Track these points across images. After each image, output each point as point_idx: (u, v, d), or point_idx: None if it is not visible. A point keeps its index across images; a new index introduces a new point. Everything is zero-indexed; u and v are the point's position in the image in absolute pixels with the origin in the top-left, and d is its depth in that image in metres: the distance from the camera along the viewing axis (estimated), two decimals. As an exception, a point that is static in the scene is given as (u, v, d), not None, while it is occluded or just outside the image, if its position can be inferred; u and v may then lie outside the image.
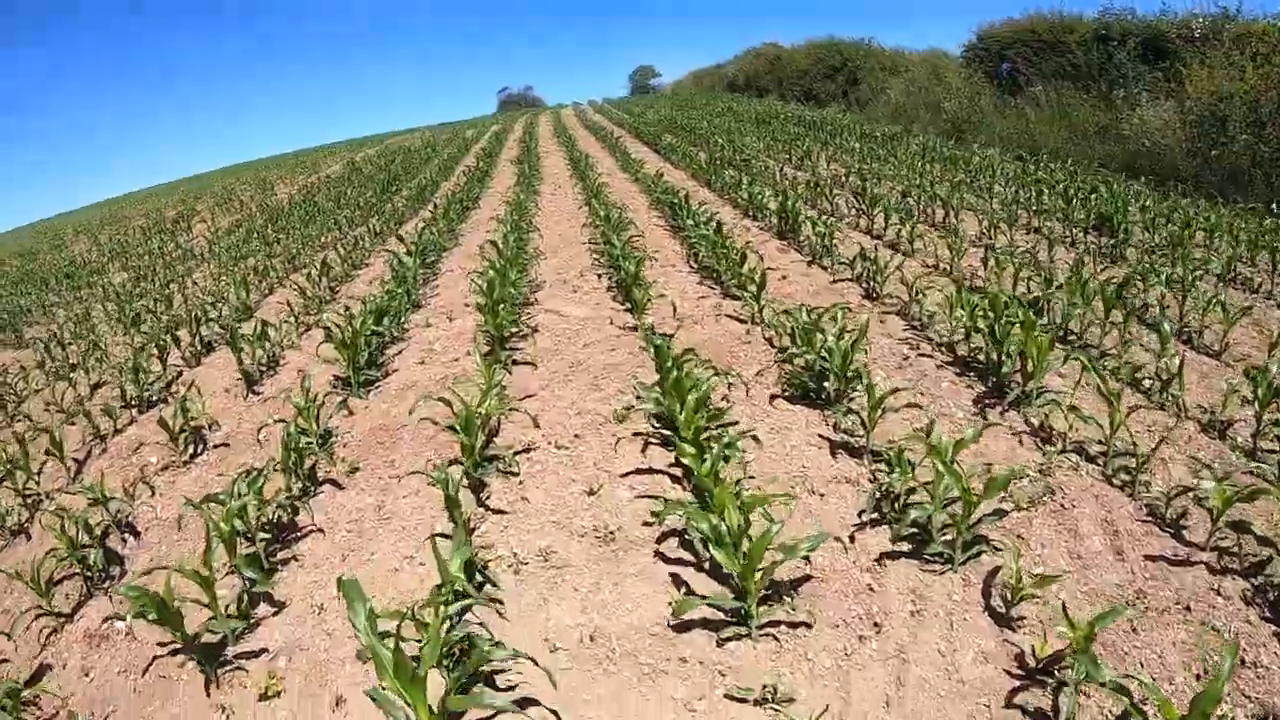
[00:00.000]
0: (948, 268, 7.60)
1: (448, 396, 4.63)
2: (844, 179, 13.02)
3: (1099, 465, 3.99)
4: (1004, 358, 4.89)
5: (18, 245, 31.56)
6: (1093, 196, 9.53)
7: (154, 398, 6.52)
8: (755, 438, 4.41)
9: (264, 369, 6.88)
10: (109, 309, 10.46)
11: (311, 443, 4.82)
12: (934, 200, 10.31)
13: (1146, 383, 4.82)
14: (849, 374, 4.70)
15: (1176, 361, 4.61)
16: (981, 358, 5.28)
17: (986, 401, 4.79)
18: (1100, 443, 4.05)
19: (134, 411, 6.23)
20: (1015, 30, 22.60)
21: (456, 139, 29.57)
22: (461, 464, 4.37)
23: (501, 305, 6.38)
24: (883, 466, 4.05)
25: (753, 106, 28.68)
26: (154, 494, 4.84)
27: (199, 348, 7.62)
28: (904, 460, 3.66)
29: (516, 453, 4.59)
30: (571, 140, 21.60)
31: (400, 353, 6.81)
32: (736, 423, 4.69)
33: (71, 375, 7.36)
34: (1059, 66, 19.20)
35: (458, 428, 4.29)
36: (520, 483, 4.34)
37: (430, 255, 9.73)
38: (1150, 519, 3.56)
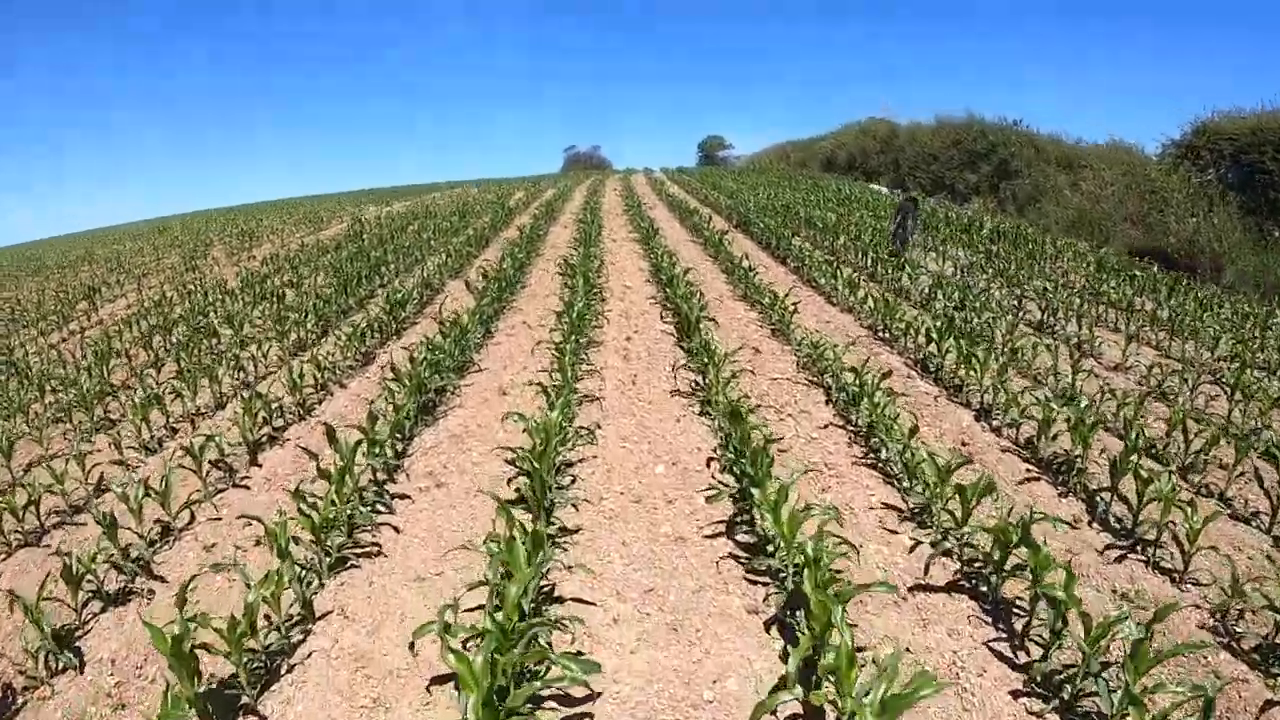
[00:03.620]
0: None
1: None
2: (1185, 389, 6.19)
3: None
4: None
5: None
6: None
7: None
8: None
9: None
10: None
11: None
12: None
13: None
14: None
15: None
16: None
17: None
18: None
19: None
20: (1257, 126, 15.77)
21: (500, 202, 23.24)
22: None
23: None
24: None
25: (889, 198, 21.98)
26: None
27: None
28: None
29: None
30: (652, 226, 14.91)
31: None
32: None
33: None
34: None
35: None
36: None
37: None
38: None
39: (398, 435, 5.27)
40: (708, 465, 4.79)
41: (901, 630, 3.36)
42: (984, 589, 3.63)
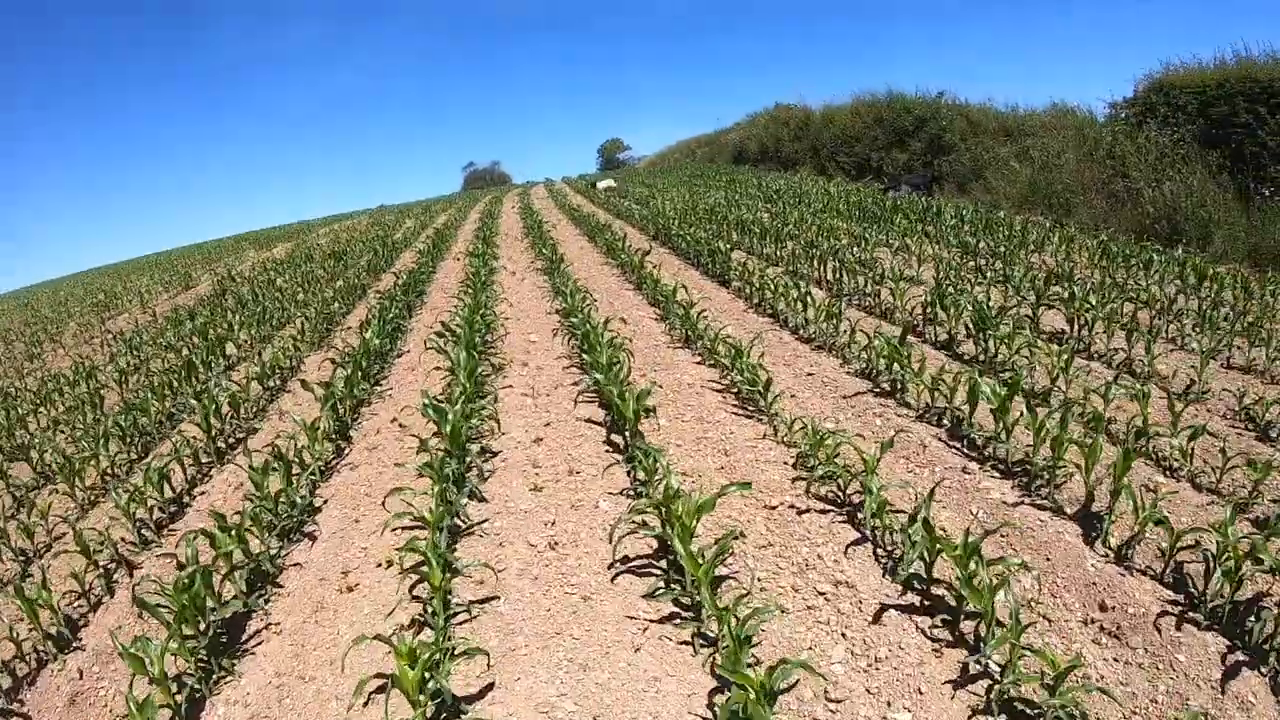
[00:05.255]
0: None
1: None
2: None
3: None
4: None
5: None
6: None
7: None
8: None
9: None
10: None
11: None
12: None
13: None
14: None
15: None
16: None
17: None
18: None
19: None
20: (1223, 78, 14.30)
21: (384, 238, 20.49)
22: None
23: None
24: None
25: (833, 187, 20.20)
26: None
27: None
28: None
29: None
30: (555, 252, 12.50)
31: None
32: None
33: None
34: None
35: None
36: None
37: None
38: None
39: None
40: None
41: None
42: None
